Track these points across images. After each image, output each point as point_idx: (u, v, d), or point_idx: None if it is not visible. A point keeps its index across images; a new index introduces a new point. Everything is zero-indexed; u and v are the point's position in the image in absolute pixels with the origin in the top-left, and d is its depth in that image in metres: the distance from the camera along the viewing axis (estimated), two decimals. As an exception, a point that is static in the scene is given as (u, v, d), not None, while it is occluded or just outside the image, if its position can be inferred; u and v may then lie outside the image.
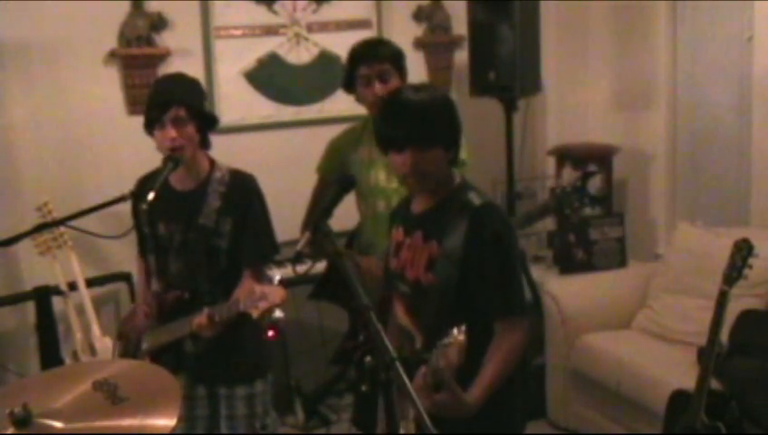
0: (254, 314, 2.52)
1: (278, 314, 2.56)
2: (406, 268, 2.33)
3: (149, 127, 2.74)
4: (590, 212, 4.58)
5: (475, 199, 2.26)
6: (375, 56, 2.99)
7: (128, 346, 2.95)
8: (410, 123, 2.21)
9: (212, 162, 2.84)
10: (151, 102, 2.74)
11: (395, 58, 3.03)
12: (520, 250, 2.45)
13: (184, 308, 2.79)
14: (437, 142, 2.22)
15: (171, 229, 2.81)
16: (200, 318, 2.64)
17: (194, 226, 2.77)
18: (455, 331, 1.95)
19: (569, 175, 2.91)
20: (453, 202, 2.27)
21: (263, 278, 2.85)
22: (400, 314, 2.38)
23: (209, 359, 2.81)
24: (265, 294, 2.52)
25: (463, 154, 2.96)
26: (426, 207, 2.33)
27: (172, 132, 2.67)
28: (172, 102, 2.68)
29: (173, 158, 2.71)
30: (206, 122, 2.80)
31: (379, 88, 2.95)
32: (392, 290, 2.42)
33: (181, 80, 2.84)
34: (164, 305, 2.85)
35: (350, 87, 3.08)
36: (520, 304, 2.27)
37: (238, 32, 4.29)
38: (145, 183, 2.81)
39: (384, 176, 3.07)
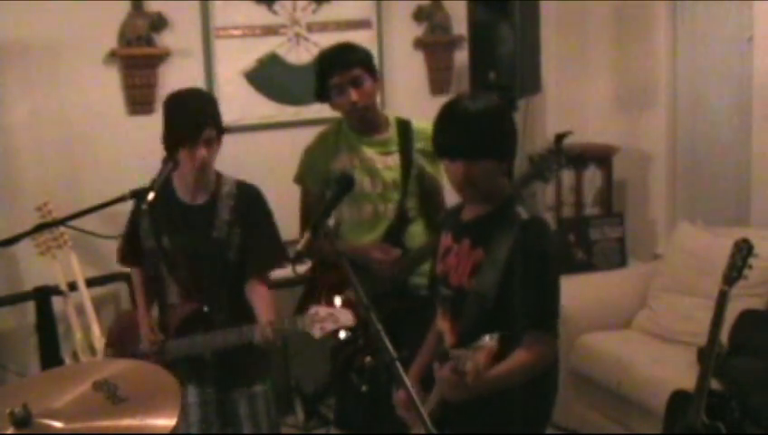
0: (317, 334, 2.50)
1: (343, 335, 2.53)
2: (450, 273, 2.32)
3: (175, 145, 2.67)
4: (590, 211, 4.59)
5: (523, 213, 2.25)
6: (345, 64, 2.91)
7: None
8: (463, 134, 2.19)
9: (218, 175, 2.84)
10: (182, 121, 2.67)
11: (364, 62, 2.95)
12: None
13: (201, 321, 2.78)
14: (489, 154, 2.20)
15: (181, 242, 2.80)
16: (265, 332, 2.62)
17: (208, 239, 2.77)
18: (487, 337, 1.95)
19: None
20: (503, 213, 2.26)
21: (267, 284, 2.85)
22: (440, 319, 2.39)
23: (219, 364, 2.81)
24: (332, 314, 2.50)
25: None
26: (476, 216, 2.31)
27: (203, 152, 2.67)
28: (206, 124, 2.66)
29: (172, 158, 2.70)
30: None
31: (354, 94, 2.89)
32: (435, 294, 2.43)
33: (208, 98, 2.84)
34: (177, 318, 2.83)
35: (322, 96, 2.99)
36: (553, 321, 2.25)
37: (238, 32, 4.28)
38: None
39: (369, 181, 3.02)
